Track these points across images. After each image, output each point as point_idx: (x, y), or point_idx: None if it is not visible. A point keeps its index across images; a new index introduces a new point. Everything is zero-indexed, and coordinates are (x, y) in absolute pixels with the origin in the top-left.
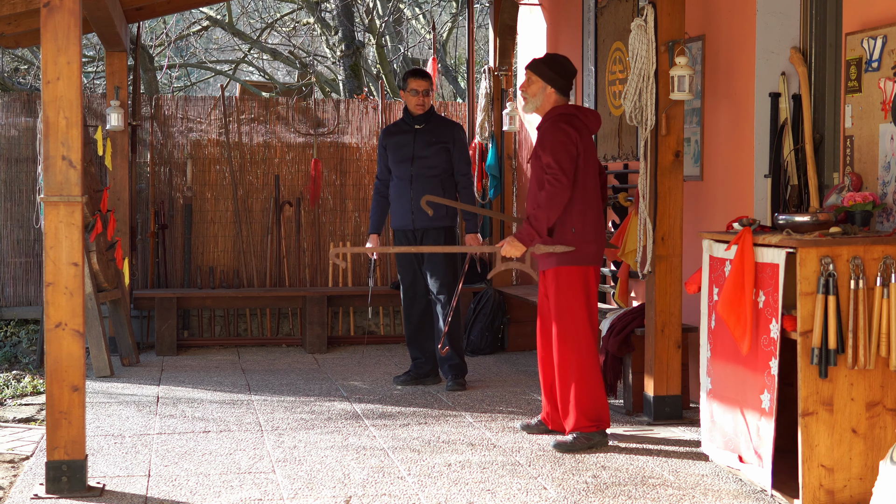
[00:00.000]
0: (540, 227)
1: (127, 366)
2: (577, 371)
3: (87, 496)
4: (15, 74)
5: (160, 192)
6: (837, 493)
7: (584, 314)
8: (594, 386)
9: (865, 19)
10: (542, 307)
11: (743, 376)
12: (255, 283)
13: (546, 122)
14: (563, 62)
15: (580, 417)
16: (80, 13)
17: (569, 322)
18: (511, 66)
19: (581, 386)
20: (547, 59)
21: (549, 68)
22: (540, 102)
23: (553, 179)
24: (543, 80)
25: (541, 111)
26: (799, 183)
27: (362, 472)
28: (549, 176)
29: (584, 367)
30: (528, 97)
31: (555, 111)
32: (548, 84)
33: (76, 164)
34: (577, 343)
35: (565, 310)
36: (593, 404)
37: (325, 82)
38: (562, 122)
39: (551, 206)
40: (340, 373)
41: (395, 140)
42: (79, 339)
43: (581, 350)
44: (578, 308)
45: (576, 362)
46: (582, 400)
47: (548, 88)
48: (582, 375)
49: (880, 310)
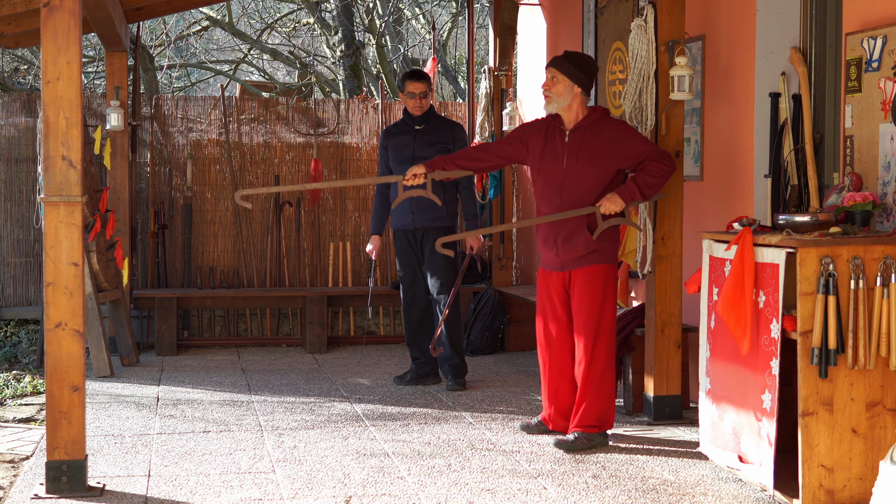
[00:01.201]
0: (648, 192)
1: (127, 366)
2: (607, 372)
3: (87, 496)
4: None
5: (160, 192)
6: (837, 493)
7: (615, 312)
8: (613, 387)
9: (865, 19)
10: (545, 307)
11: (743, 376)
12: (255, 283)
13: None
14: (589, 62)
15: (592, 417)
16: (80, 13)
17: (606, 320)
18: (511, 66)
19: (605, 387)
20: (574, 57)
21: (578, 68)
22: (567, 102)
23: (665, 154)
24: (570, 78)
25: (567, 111)
26: (799, 183)
27: (362, 472)
28: (657, 154)
29: (611, 368)
30: (553, 96)
31: (597, 112)
32: (575, 83)
33: (76, 164)
34: (608, 344)
35: (601, 308)
36: (609, 405)
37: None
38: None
39: (663, 179)
40: (340, 373)
41: (395, 141)
42: (79, 339)
43: (610, 351)
44: (611, 307)
45: (605, 363)
46: (601, 400)
47: (575, 88)
48: (608, 377)
49: (880, 310)
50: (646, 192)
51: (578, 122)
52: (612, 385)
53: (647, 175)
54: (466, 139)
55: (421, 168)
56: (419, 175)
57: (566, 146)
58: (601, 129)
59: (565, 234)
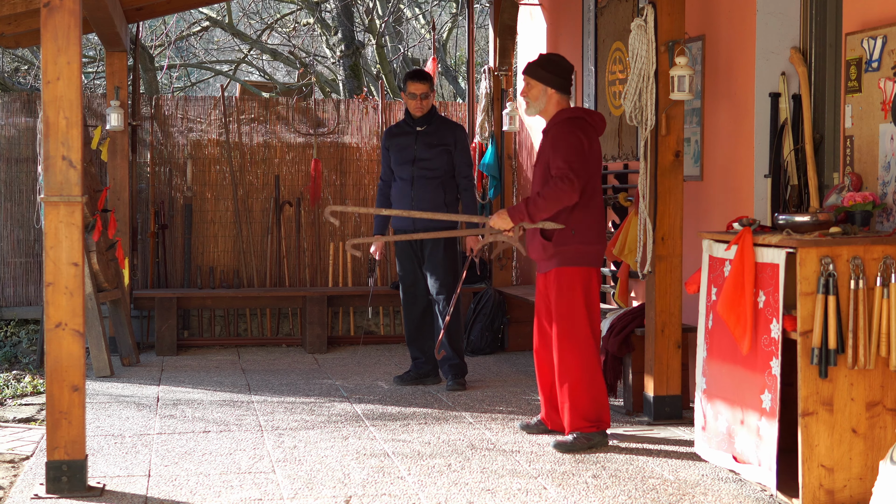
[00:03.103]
0: (534, 212)
1: (127, 366)
2: (578, 372)
3: (87, 496)
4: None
5: (160, 192)
6: (837, 493)
7: (585, 315)
8: (595, 386)
9: (865, 19)
10: (539, 308)
11: (741, 376)
12: (255, 283)
13: (555, 125)
14: (557, 61)
15: (580, 418)
16: (80, 13)
17: (569, 323)
18: (511, 67)
19: (581, 387)
20: (541, 60)
21: (545, 70)
22: (543, 105)
23: (564, 177)
24: (542, 82)
25: (545, 114)
26: (799, 183)
27: (362, 472)
28: (559, 173)
29: (584, 368)
30: (531, 101)
31: (562, 114)
32: (547, 86)
33: (76, 164)
34: (577, 344)
35: (566, 310)
36: (594, 405)
37: (325, 82)
38: (573, 127)
39: (554, 200)
40: (340, 373)
41: (396, 142)
42: (79, 339)
43: (581, 351)
44: (578, 309)
45: (576, 363)
46: (582, 400)
47: (548, 90)
48: (581, 376)
49: (880, 310)
50: (534, 214)
51: (548, 123)
52: (597, 384)
53: (538, 196)
54: (468, 140)
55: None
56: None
57: (541, 146)
58: (554, 131)
59: (528, 236)
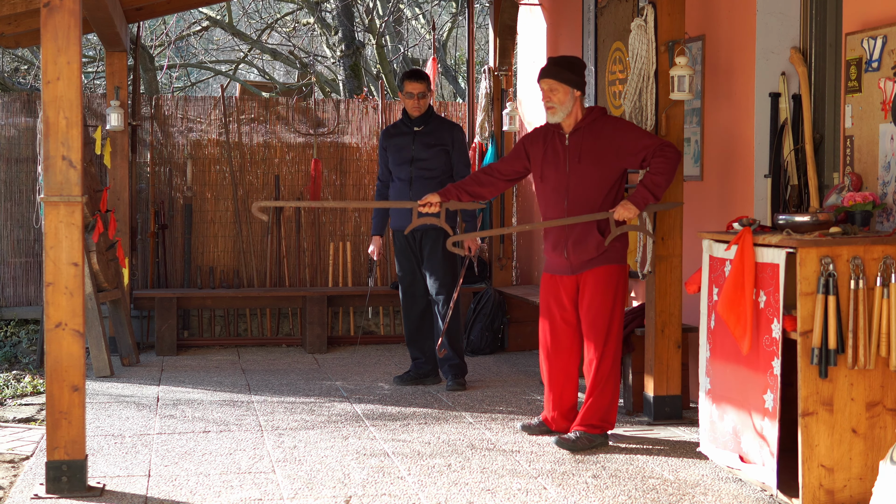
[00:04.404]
0: (657, 191)
1: (127, 366)
2: (615, 373)
3: (87, 496)
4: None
5: (160, 192)
6: (837, 493)
7: (621, 314)
8: (618, 387)
9: (865, 19)
10: (553, 310)
11: (744, 376)
12: (255, 283)
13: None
14: (577, 61)
15: (597, 418)
16: (80, 13)
17: (616, 320)
18: (511, 67)
19: (610, 388)
20: (564, 63)
21: (572, 72)
22: (570, 108)
23: (664, 145)
24: (569, 85)
25: (572, 116)
26: (799, 183)
27: (362, 472)
28: (657, 144)
29: (619, 367)
30: (556, 106)
31: (594, 112)
32: (574, 88)
33: (76, 164)
34: (618, 342)
35: (612, 309)
36: (613, 407)
37: (325, 82)
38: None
39: (671, 172)
40: (340, 373)
41: (394, 142)
42: (79, 339)
43: (616, 351)
44: (619, 307)
45: (615, 362)
46: (605, 402)
47: (575, 92)
48: (617, 378)
49: (880, 310)
50: (656, 192)
51: (577, 124)
52: (616, 385)
53: (653, 174)
54: (465, 141)
55: (436, 197)
56: (434, 204)
57: (567, 150)
58: (600, 128)
59: (576, 237)
